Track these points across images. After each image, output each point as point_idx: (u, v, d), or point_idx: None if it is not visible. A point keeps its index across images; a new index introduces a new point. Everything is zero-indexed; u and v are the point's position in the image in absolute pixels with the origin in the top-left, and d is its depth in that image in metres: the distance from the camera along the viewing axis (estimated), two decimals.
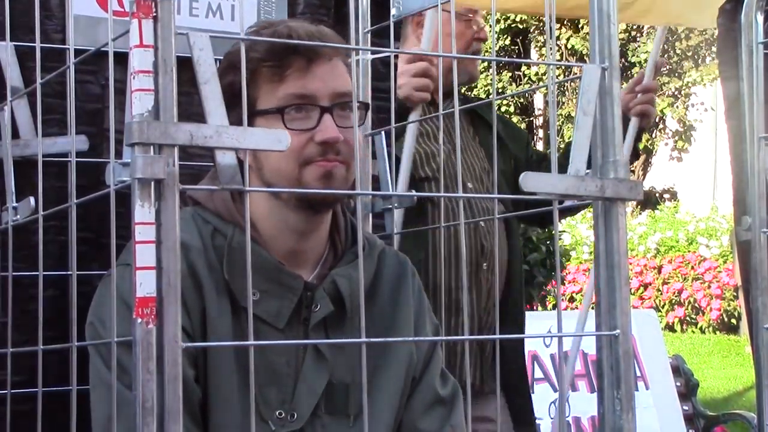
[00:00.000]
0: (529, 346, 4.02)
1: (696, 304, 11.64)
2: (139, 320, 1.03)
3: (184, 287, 1.52)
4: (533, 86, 16.26)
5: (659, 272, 12.01)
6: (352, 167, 1.61)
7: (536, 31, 16.84)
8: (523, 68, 16.78)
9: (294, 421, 1.61)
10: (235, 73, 1.45)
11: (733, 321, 11.52)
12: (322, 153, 1.58)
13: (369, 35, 2.02)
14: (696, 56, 16.42)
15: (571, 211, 3.36)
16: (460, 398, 1.75)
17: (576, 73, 1.34)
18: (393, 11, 2.01)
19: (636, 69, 16.32)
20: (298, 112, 1.58)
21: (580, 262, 12.13)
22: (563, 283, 11.56)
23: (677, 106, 16.64)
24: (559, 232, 2.91)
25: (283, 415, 1.60)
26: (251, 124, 1.52)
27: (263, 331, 1.58)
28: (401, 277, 1.75)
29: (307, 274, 1.66)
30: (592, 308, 1.37)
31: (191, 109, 1.81)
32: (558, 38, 16.19)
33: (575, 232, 12.62)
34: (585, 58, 15.35)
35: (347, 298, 1.65)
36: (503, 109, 16.90)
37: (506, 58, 14.56)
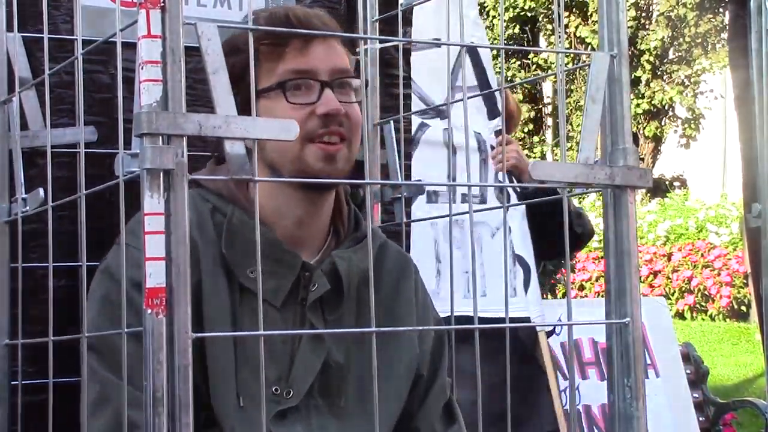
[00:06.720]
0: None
1: (706, 292, 11.62)
2: (149, 311, 1.04)
3: None
4: (542, 74, 16.20)
5: (669, 260, 11.99)
6: (354, 145, 1.63)
7: (545, 20, 16.80)
8: (532, 56, 16.73)
9: (290, 399, 1.60)
10: (234, 56, 1.44)
11: (743, 308, 11.51)
12: (324, 125, 1.59)
13: (377, 24, 2.01)
14: (705, 43, 16.36)
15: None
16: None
17: (585, 61, 1.34)
18: None
19: (645, 57, 16.29)
20: (298, 88, 1.60)
21: (590, 251, 12.12)
22: (573, 272, 11.56)
23: (686, 94, 16.59)
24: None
25: (279, 391, 1.60)
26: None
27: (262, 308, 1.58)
28: (403, 271, 1.76)
29: (309, 258, 1.66)
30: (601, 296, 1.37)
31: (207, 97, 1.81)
32: (566, 26, 16.14)
33: None
34: (594, 49, 15.29)
35: (345, 279, 1.65)
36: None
37: (515, 46, 14.53)
